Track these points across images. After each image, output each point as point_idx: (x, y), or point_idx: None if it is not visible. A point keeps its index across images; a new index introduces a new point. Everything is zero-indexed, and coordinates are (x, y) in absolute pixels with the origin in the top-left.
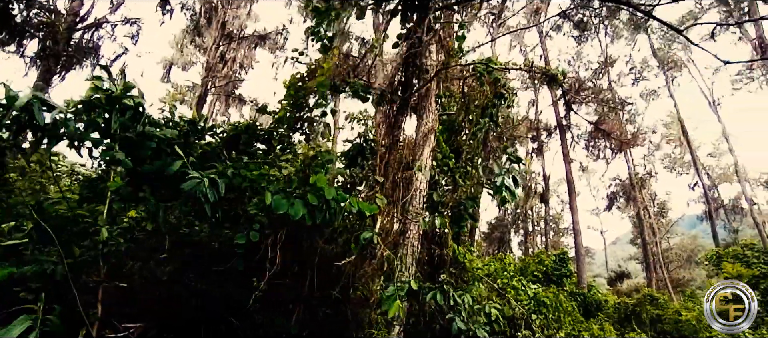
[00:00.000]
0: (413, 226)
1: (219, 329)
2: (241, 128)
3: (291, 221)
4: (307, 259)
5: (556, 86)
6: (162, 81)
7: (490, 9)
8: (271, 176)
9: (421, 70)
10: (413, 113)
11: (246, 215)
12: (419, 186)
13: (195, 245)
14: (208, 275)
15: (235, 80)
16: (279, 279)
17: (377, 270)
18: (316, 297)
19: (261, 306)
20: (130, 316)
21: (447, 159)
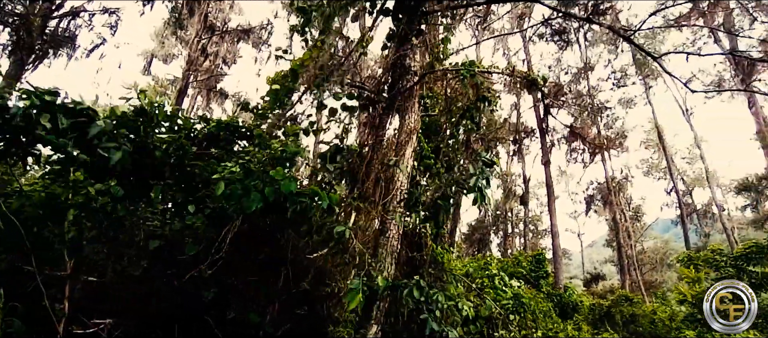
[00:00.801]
0: (393, 226)
1: (193, 326)
2: (222, 125)
3: (260, 215)
4: (281, 255)
5: (537, 91)
6: (143, 74)
7: (476, 12)
8: (231, 168)
9: (407, 71)
10: (397, 114)
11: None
12: (400, 186)
13: (166, 239)
14: (181, 270)
15: (218, 75)
16: (254, 276)
17: (350, 266)
18: (291, 294)
19: (236, 303)
20: (100, 312)
21: (428, 159)
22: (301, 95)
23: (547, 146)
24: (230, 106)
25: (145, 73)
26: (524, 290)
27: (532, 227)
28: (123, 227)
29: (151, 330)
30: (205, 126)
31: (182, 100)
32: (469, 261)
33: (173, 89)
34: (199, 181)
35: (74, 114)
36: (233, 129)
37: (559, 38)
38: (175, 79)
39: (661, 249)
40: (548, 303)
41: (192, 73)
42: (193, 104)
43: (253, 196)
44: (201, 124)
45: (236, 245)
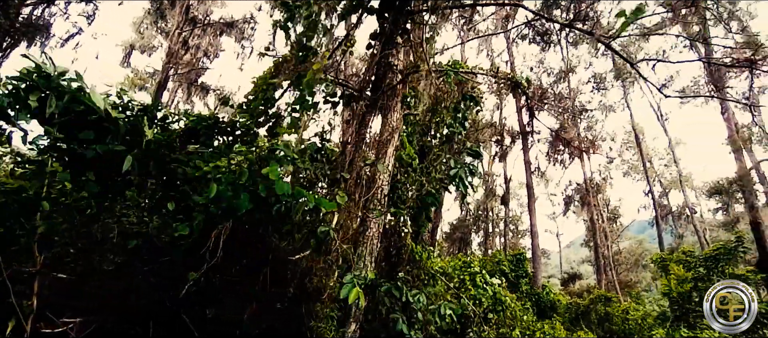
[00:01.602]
0: (373, 224)
1: (169, 324)
2: (202, 120)
3: (244, 215)
4: (263, 254)
5: (520, 92)
6: (121, 65)
7: (462, 13)
8: (222, 167)
9: (391, 70)
10: (380, 112)
11: (196, 207)
12: (381, 184)
13: (143, 237)
14: (158, 268)
15: (199, 68)
16: (233, 275)
17: (333, 265)
18: (271, 292)
19: (214, 302)
20: (72, 310)
21: (410, 158)
22: (284, 92)
23: (529, 147)
24: (212, 100)
25: (123, 65)
26: (504, 288)
27: (513, 227)
28: (98, 222)
29: (125, 328)
30: (184, 121)
31: (162, 93)
32: (449, 260)
33: (153, 81)
34: (182, 178)
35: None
36: (213, 124)
37: (541, 40)
38: (155, 72)
39: (636, 250)
40: (527, 302)
41: (172, 66)
42: (173, 97)
43: (244, 197)
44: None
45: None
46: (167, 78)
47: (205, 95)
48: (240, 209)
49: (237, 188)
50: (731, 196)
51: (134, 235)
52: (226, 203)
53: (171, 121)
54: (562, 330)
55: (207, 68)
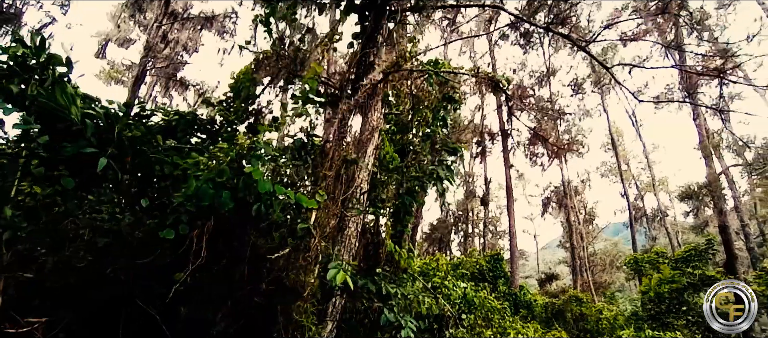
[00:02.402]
0: (352, 222)
1: (140, 324)
2: (180, 116)
3: (222, 213)
4: (240, 252)
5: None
6: (96, 57)
7: (445, 15)
8: (201, 165)
9: (372, 69)
10: (360, 111)
11: (173, 206)
12: (361, 183)
13: (116, 234)
14: (130, 266)
15: (178, 63)
16: (209, 273)
17: (312, 263)
18: (247, 290)
19: (188, 301)
20: (38, 309)
21: (391, 158)
22: (264, 89)
23: (509, 149)
24: (191, 96)
25: (99, 57)
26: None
27: (492, 228)
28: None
29: (94, 328)
30: (162, 117)
31: (139, 87)
32: (428, 260)
33: (130, 75)
34: (159, 175)
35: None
36: (192, 121)
37: (524, 42)
38: (132, 65)
39: (611, 251)
40: (505, 302)
41: (150, 59)
42: (150, 92)
43: (225, 195)
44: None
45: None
46: (145, 72)
47: (184, 90)
48: (221, 208)
49: (218, 185)
50: (701, 200)
51: (105, 233)
52: (207, 201)
53: (148, 116)
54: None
55: (186, 63)
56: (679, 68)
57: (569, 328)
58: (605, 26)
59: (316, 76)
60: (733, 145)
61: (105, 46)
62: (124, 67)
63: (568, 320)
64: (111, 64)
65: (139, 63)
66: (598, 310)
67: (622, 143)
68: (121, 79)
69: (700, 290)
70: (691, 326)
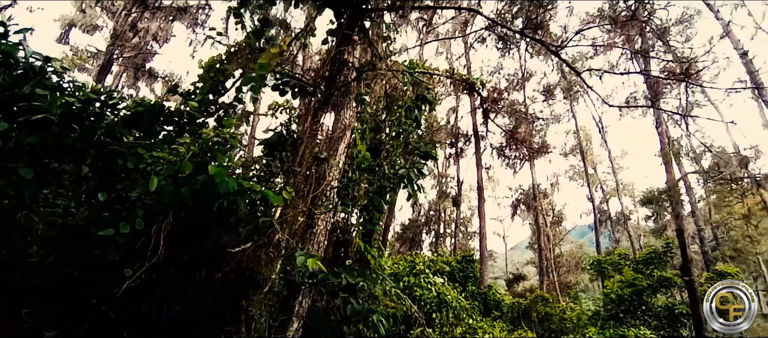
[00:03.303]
0: (321, 220)
1: (95, 321)
2: (147, 106)
3: (184, 208)
4: (204, 248)
5: (475, 95)
6: (59, 42)
7: (422, 15)
8: (162, 159)
9: (346, 66)
10: (333, 108)
11: (131, 200)
12: (331, 181)
13: (70, 229)
14: (86, 262)
15: (147, 53)
16: (169, 269)
17: (276, 258)
18: (212, 288)
19: (146, 298)
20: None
21: (363, 157)
22: (235, 82)
23: (482, 151)
24: (160, 88)
25: (61, 42)
26: (447, 287)
27: (463, 228)
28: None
29: (45, 325)
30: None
31: (105, 76)
32: (399, 260)
33: (95, 63)
34: (121, 168)
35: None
36: (158, 112)
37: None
38: (98, 53)
39: (577, 253)
40: (474, 301)
41: (118, 48)
42: (117, 82)
43: (185, 191)
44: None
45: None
46: (111, 61)
47: (153, 81)
48: (182, 204)
49: (178, 181)
50: (661, 205)
51: (60, 227)
52: (167, 198)
53: (113, 106)
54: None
55: (156, 53)
56: (645, 75)
57: (535, 327)
58: (577, 32)
59: (279, 66)
60: (691, 153)
61: (68, 31)
62: (88, 54)
63: (534, 319)
64: (74, 50)
65: (106, 51)
66: (562, 310)
67: (591, 149)
68: (86, 67)
69: (657, 291)
70: (649, 325)
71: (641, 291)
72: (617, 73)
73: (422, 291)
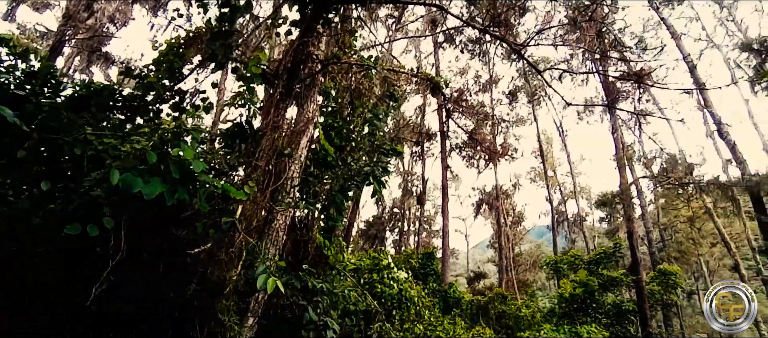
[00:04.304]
0: (280, 216)
1: (39, 321)
2: (96, 89)
3: (141, 203)
4: (158, 245)
5: (439, 94)
6: (4, 19)
7: (391, 12)
8: (120, 149)
9: (310, 59)
10: (295, 101)
11: (81, 192)
12: (291, 175)
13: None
14: (28, 256)
15: (103, 35)
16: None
17: (235, 258)
18: (165, 285)
19: (100, 296)
20: None
21: (326, 152)
22: (194, 69)
23: (447, 151)
24: (116, 73)
25: (6, 19)
26: (411, 283)
27: (427, 226)
28: None
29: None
30: (74, 89)
31: (56, 58)
32: (361, 256)
33: (45, 43)
34: (68, 155)
35: None
36: (108, 97)
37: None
38: (48, 33)
39: (535, 252)
40: (433, 298)
41: (71, 29)
42: (69, 65)
43: (153, 181)
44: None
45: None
46: (63, 42)
47: (109, 66)
48: (151, 195)
49: (142, 172)
50: (614, 207)
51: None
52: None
53: (59, 87)
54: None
55: (113, 36)
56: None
57: (492, 324)
58: (538, 31)
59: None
60: (643, 158)
61: (15, 7)
62: (38, 34)
63: (492, 316)
64: (22, 29)
65: (57, 32)
66: (518, 308)
67: (551, 152)
68: (34, 46)
69: (608, 290)
70: (599, 322)
71: (593, 290)
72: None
73: (384, 288)
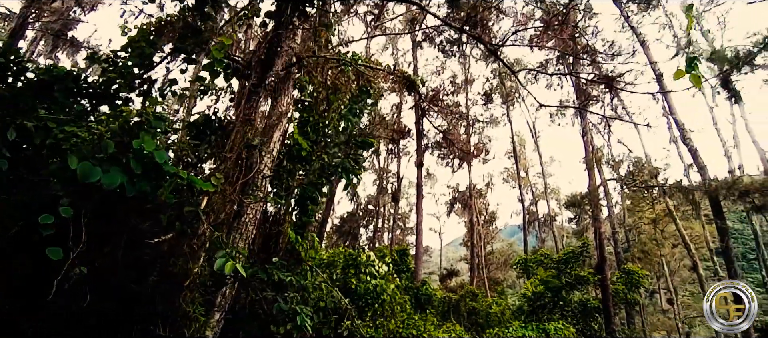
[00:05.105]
0: (250, 210)
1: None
2: (59, 74)
3: (102, 193)
4: (120, 236)
5: (415, 92)
6: None
7: (371, 8)
8: (79, 136)
9: (285, 52)
10: (269, 94)
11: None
12: (263, 169)
13: None
14: None
15: (70, 19)
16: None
17: (199, 249)
18: (127, 278)
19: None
20: None
21: (300, 147)
22: (165, 57)
23: (422, 149)
24: (83, 59)
25: None
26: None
27: (401, 223)
28: None
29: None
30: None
31: (17, 42)
32: (335, 252)
33: (5, 25)
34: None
35: None
36: (73, 83)
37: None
38: (10, 15)
39: (506, 251)
40: (406, 295)
41: (35, 11)
42: (33, 49)
43: (113, 171)
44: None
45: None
46: (26, 24)
47: (75, 51)
48: (111, 186)
49: (102, 161)
50: (582, 208)
51: None
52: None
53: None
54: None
55: (80, 21)
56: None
57: (463, 321)
58: (513, 32)
59: (225, 50)
60: (611, 161)
61: None
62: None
63: (463, 313)
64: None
65: (20, 13)
66: (489, 305)
67: (524, 153)
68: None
69: (575, 288)
70: (566, 319)
71: (560, 288)
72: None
73: (359, 283)
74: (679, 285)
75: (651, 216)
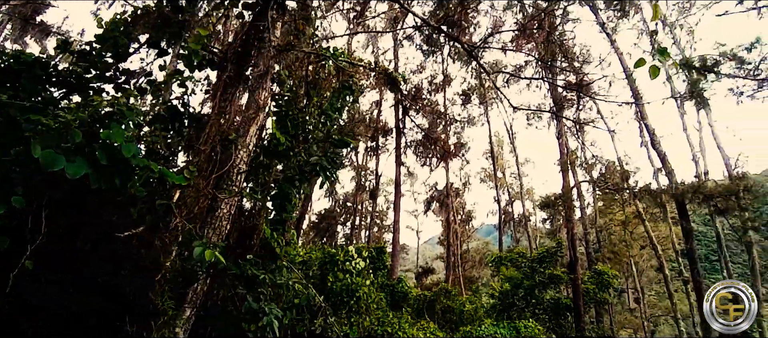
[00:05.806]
0: (225, 205)
1: None
2: (25, 61)
3: (71, 183)
4: (90, 228)
5: (397, 90)
6: None
7: (353, 5)
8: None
9: (263, 45)
10: (247, 88)
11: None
12: (238, 163)
13: None
14: None
15: (39, 3)
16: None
17: (171, 243)
18: (95, 272)
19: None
20: None
21: (277, 142)
22: (140, 47)
23: (402, 147)
24: (53, 46)
25: None
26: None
27: (379, 221)
28: None
29: None
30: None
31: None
32: (312, 249)
33: None
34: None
35: None
36: (42, 69)
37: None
38: None
39: (482, 250)
40: (381, 293)
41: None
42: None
43: (78, 161)
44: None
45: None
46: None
47: (44, 37)
48: (75, 176)
49: (67, 151)
50: (556, 209)
51: None
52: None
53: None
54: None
55: (50, 5)
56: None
57: (437, 319)
58: (490, 34)
59: (202, 41)
60: (585, 163)
61: None
62: None
63: (437, 311)
64: None
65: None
66: (462, 303)
67: (501, 154)
68: None
69: (547, 287)
70: (538, 318)
71: (533, 287)
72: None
73: (334, 281)
74: (646, 285)
75: (621, 218)
